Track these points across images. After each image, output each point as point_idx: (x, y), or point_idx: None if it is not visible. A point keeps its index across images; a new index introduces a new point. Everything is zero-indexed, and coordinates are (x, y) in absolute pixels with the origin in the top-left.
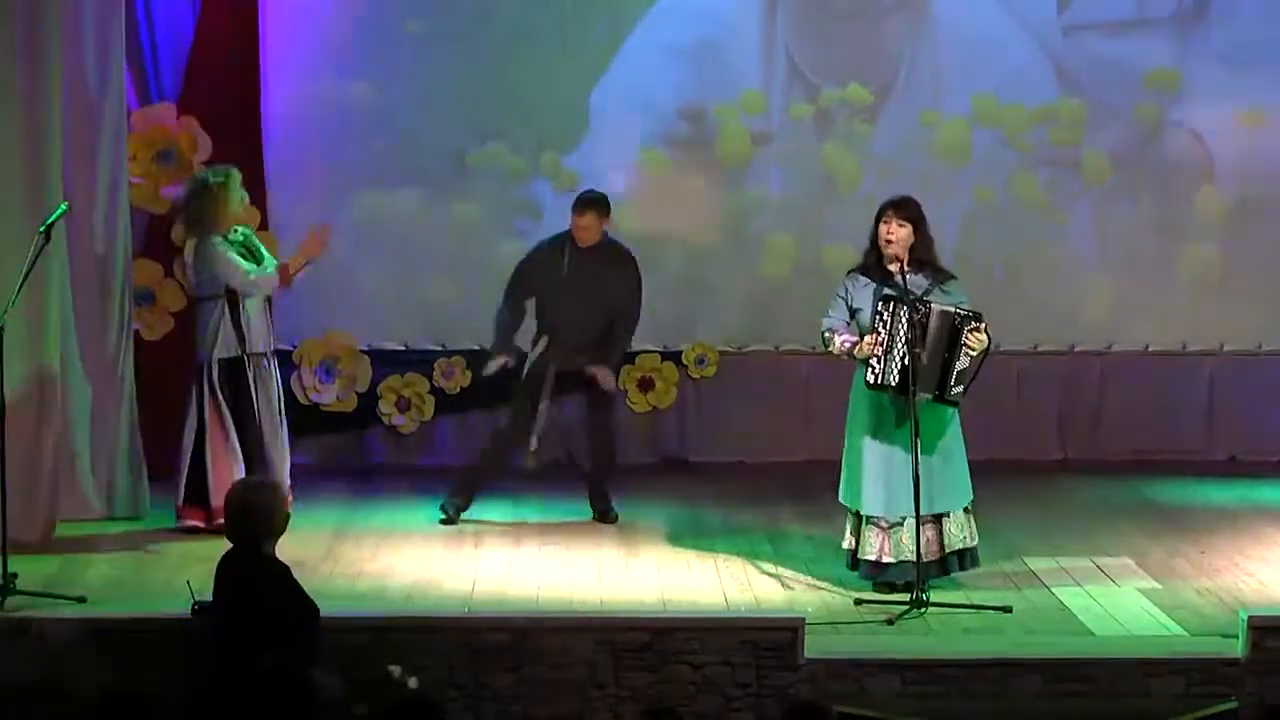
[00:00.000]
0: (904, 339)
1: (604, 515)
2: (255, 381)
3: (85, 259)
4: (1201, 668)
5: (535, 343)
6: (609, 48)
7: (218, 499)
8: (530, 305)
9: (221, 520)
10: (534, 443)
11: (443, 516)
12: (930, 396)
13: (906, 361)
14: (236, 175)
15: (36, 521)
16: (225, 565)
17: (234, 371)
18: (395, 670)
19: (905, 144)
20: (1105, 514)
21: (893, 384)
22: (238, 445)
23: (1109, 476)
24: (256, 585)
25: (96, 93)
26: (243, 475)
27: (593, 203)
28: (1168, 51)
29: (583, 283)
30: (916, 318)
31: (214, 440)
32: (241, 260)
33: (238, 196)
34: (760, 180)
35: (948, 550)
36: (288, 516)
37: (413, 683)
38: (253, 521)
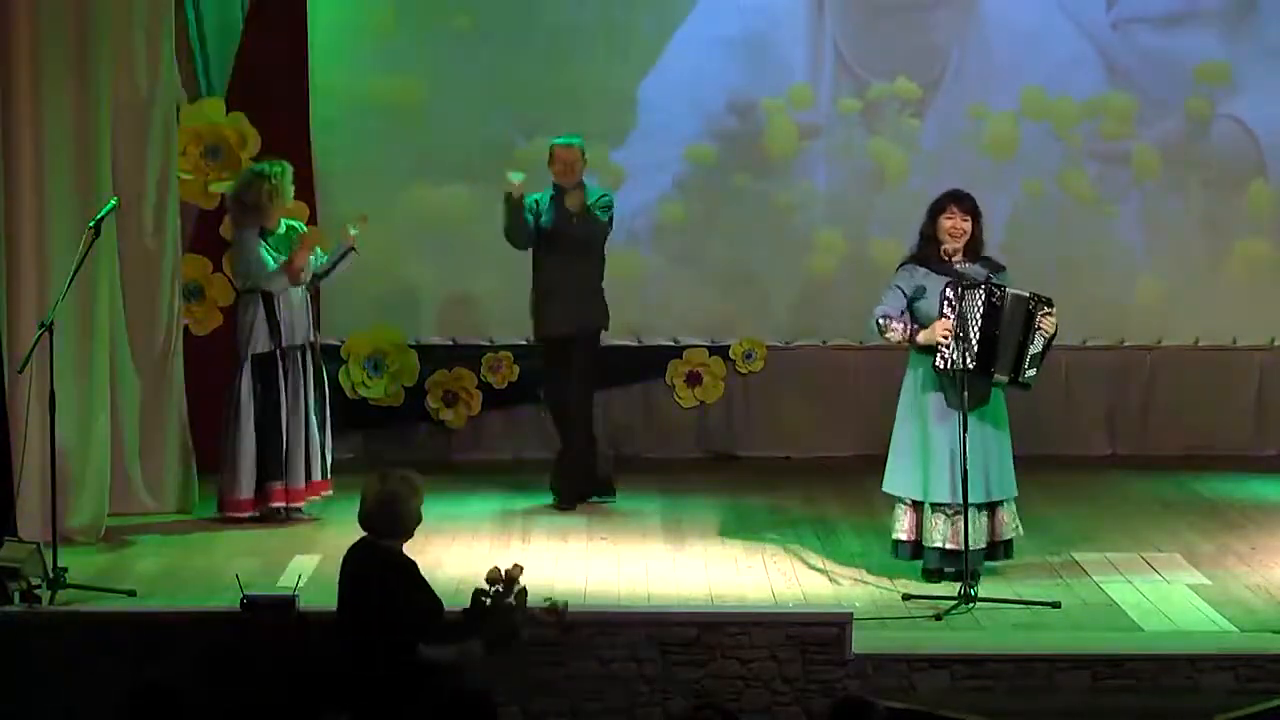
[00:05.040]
0: (977, 323)
1: (563, 501)
2: (286, 377)
3: (135, 254)
4: (1251, 664)
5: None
6: (657, 42)
7: (231, 492)
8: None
9: (231, 512)
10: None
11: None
12: (1006, 379)
13: (979, 345)
14: (289, 169)
15: (86, 515)
16: (352, 557)
17: (266, 368)
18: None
19: (953, 138)
20: (1155, 509)
21: (968, 367)
22: (252, 442)
23: (1158, 472)
24: (380, 579)
25: (146, 88)
26: (251, 471)
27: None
28: (1218, 45)
29: (564, 230)
30: (994, 300)
31: (239, 435)
32: (268, 257)
33: (290, 191)
34: (808, 174)
35: (999, 539)
36: (420, 513)
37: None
38: (384, 514)
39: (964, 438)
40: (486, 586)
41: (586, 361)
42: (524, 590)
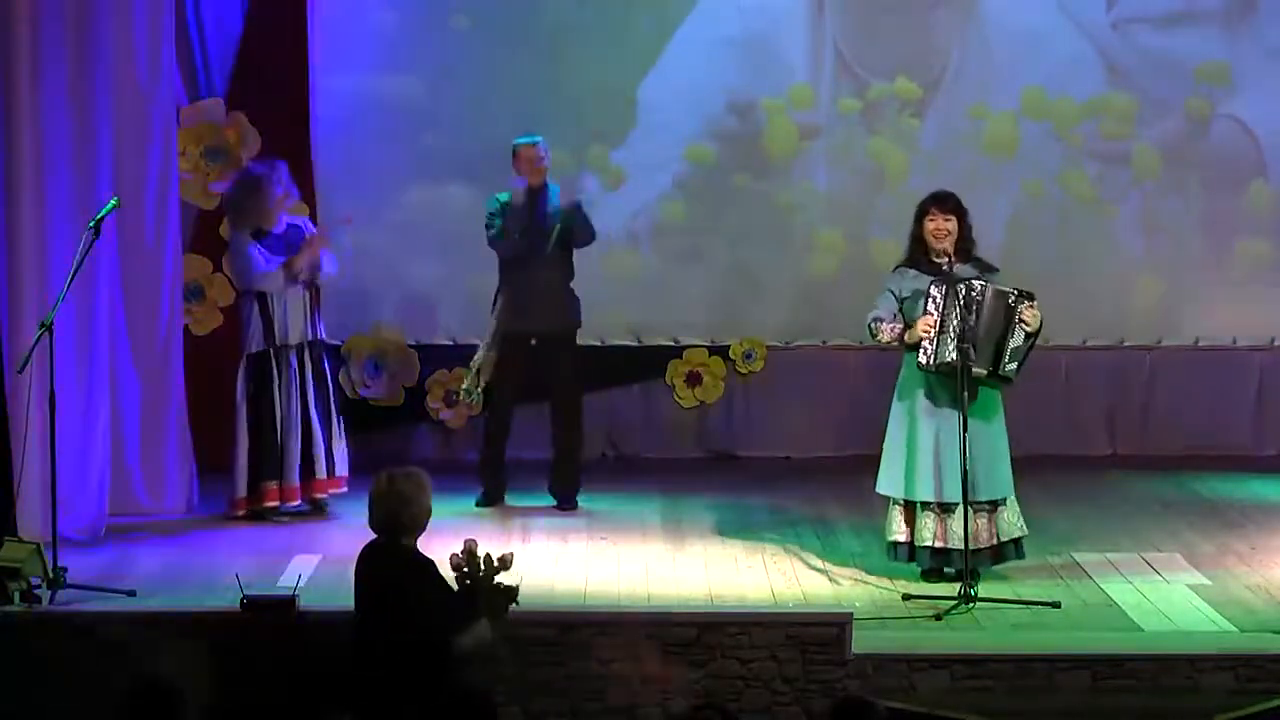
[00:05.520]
0: (957, 319)
1: (565, 502)
2: (280, 376)
3: (135, 254)
4: (1251, 664)
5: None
6: (657, 42)
7: (230, 491)
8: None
9: (228, 510)
10: (475, 389)
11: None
12: (985, 371)
13: (959, 340)
14: (280, 167)
15: (86, 515)
16: (369, 559)
17: (260, 366)
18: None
19: (953, 138)
20: (1154, 509)
21: (948, 361)
22: (246, 441)
23: (1158, 472)
24: (405, 580)
25: (146, 88)
26: (245, 471)
27: (538, 148)
28: (1218, 44)
29: (529, 233)
30: (974, 296)
31: (236, 435)
32: (259, 257)
33: (280, 189)
34: (808, 174)
35: (1003, 539)
36: (430, 509)
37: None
38: (393, 514)
39: (964, 436)
40: (456, 571)
41: (572, 360)
42: (488, 555)
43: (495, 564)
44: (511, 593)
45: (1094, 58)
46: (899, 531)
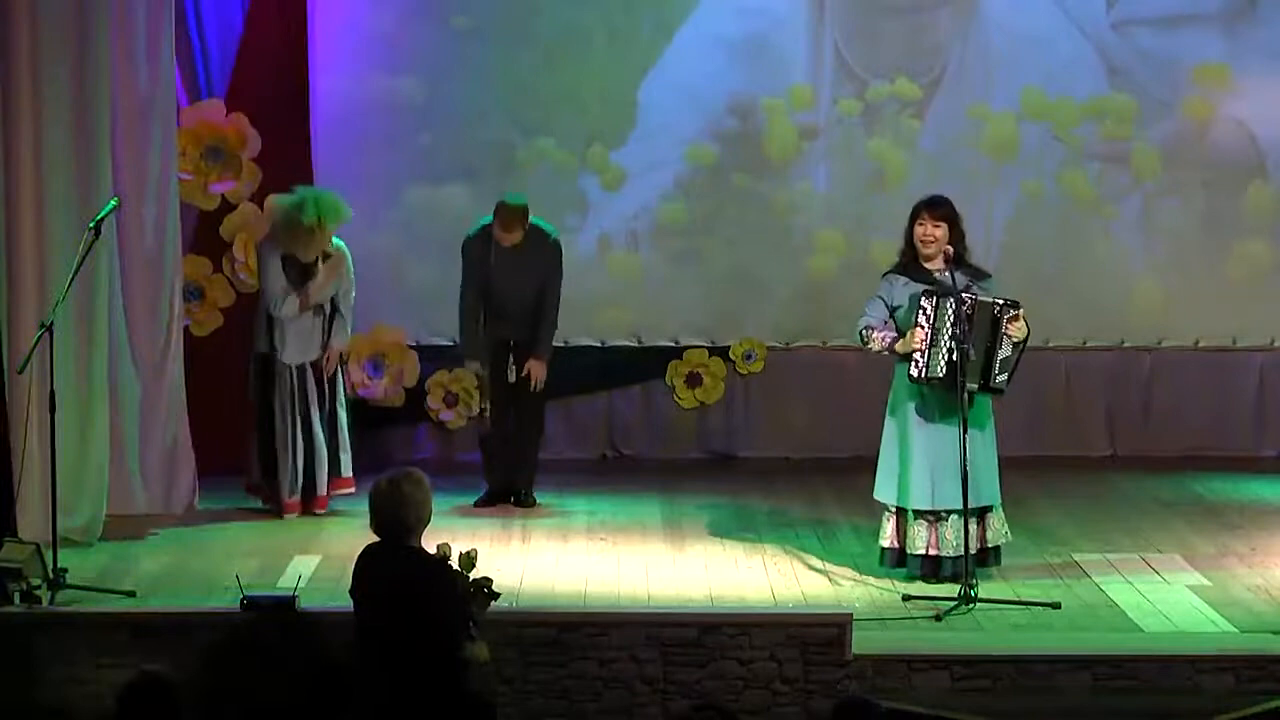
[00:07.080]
0: (949, 332)
1: (521, 498)
2: (279, 382)
3: (135, 255)
4: (1251, 664)
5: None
6: (657, 42)
7: (248, 474)
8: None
9: (255, 494)
10: (484, 407)
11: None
12: (976, 386)
13: (952, 354)
14: (334, 218)
15: (85, 515)
16: (376, 561)
17: (265, 367)
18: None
19: (953, 138)
20: (1155, 510)
21: (940, 375)
22: (256, 436)
23: (1158, 472)
24: (419, 581)
25: (146, 89)
26: (254, 468)
27: (521, 215)
28: (1217, 46)
29: (509, 268)
30: (965, 310)
31: (247, 430)
32: (277, 279)
33: (320, 236)
34: (808, 175)
35: (989, 545)
36: (431, 508)
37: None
38: (396, 515)
39: (964, 440)
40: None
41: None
42: (460, 555)
43: (466, 563)
44: (492, 592)
45: (1094, 58)
46: (886, 537)
